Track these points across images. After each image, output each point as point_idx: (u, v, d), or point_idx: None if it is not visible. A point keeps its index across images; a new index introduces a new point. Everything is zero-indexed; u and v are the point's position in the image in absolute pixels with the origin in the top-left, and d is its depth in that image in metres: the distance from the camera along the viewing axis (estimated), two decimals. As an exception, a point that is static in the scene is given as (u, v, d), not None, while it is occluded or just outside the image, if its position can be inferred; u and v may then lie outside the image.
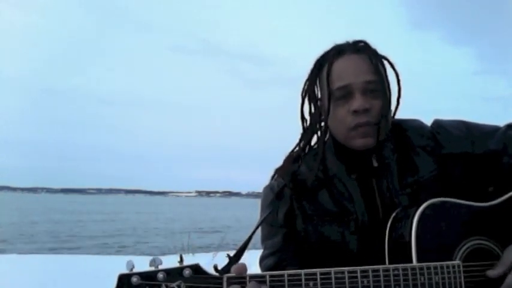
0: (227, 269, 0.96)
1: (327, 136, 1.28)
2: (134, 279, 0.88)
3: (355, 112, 1.16)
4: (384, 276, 0.99)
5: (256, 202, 1.34)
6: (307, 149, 1.32)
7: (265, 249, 1.28)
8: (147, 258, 0.92)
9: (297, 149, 1.32)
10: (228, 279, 0.92)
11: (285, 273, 0.95)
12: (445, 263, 1.04)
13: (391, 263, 1.07)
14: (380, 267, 1.00)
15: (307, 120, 1.28)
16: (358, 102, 1.16)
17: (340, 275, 0.96)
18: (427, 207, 1.09)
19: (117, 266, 0.93)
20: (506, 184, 1.20)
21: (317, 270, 0.96)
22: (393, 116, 1.29)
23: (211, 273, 0.93)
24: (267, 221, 1.25)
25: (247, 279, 0.93)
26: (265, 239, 1.29)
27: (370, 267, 0.99)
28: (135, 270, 0.90)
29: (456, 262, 1.06)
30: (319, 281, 0.95)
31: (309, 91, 1.26)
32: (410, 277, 1.00)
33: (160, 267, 0.90)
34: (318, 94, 1.27)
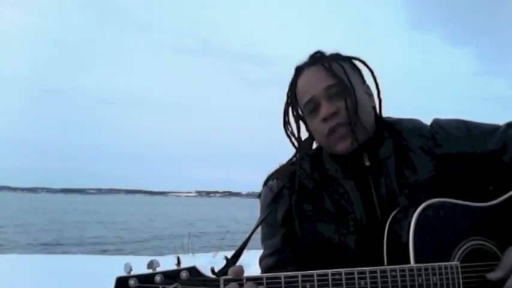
0: (224, 271, 0.96)
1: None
2: (132, 282, 0.88)
3: (325, 119, 1.20)
4: (382, 277, 0.99)
5: (256, 202, 1.35)
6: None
7: (265, 249, 1.29)
8: (146, 259, 0.92)
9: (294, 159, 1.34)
10: (225, 282, 0.92)
11: (282, 275, 0.94)
12: (443, 263, 1.04)
13: (389, 263, 1.07)
14: (377, 269, 0.99)
15: (293, 132, 1.32)
16: (324, 109, 1.20)
17: (337, 277, 0.96)
18: (426, 208, 1.08)
19: (116, 266, 0.92)
20: (505, 183, 1.19)
21: (314, 272, 0.95)
22: (379, 112, 1.30)
23: (209, 275, 0.93)
24: (266, 221, 1.26)
25: (244, 281, 0.92)
26: (264, 239, 1.30)
27: (367, 269, 0.99)
28: (133, 272, 0.90)
29: (454, 263, 1.05)
30: (316, 283, 0.95)
31: (291, 105, 1.31)
32: (408, 278, 1.00)
33: (157, 270, 0.90)
34: (294, 112, 1.31)
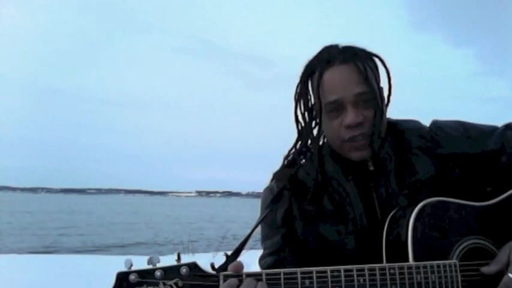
0: (224, 267, 0.97)
1: (323, 140, 1.29)
2: (132, 277, 0.89)
3: (349, 127, 1.16)
4: (380, 275, 1.00)
5: (256, 202, 1.35)
6: (303, 151, 1.32)
7: (264, 249, 1.29)
8: (146, 259, 0.93)
9: (293, 152, 1.32)
10: (225, 277, 0.93)
11: (281, 271, 0.95)
12: (441, 262, 1.05)
13: (388, 262, 1.07)
14: (376, 266, 1.00)
15: (301, 124, 1.28)
16: (350, 117, 1.15)
17: (336, 274, 0.97)
18: (424, 207, 1.09)
19: (116, 265, 0.92)
20: (503, 184, 1.20)
21: (313, 269, 0.96)
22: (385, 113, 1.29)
23: (209, 271, 0.94)
24: (266, 222, 1.26)
25: (244, 277, 0.93)
26: (264, 239, 1.30)
27: (366, 266, 0.99)
28: (133, 268, 0.91)
29: (453, 261, 1.06)
30: (315, 280, 0.96)
31: (301, 96, 1.26)
32: (406, 276, 1.01)
33: (158, 265, 0.91)
34: (310, 99, 1.26)
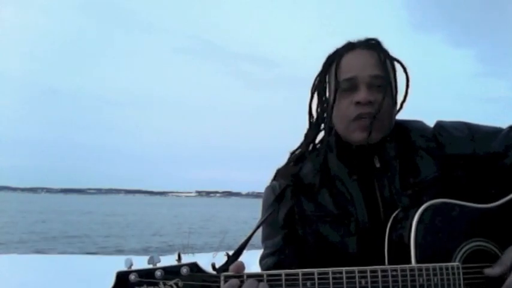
0: (225, 267, 0.96)
1: (332, 132, 1.29)
2: (132, 277, 0.88)
3: (358, 103, 1.17)
4: (382, 276, 0.99)
5: (256, 202, 1.34)
6: (310, 147, 1.32)
7: (265, 249, 1.28)
8: (146, 259, 0.92)
9: (301, 147, 1.32)
10: (226, 278, 0.92)
11: (283, 272, 0.95)
12: (444, 264, 1.04)
13: (390, 263, 1.07)
14: (378, 268, 0.99)
15: (314, 117, 1.30)
16: (362, 94, 1.17)
17: (338, 275, 0.96)
18: (427, 208, 1.08)
19: (116, 266, 0.92)
20: (507, 186, 1.20)
21: (315, 270, 0.96)
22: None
23: (209, 271, 0.93)
24: (268, 222, 1.25)
25: (245, 278, 0.92)
26: (265, 239, 1.29)
27: (368, 268, 0.99)
28: (134, 268, 0.90)
29: (455, 264, 1.05)
30: (316, 281, 0.95)
31: (318, 86, 1.28)
32: (408, 278, 1.00)
33: (158, 265, 0.90)
34: (326, 90, 1.28)
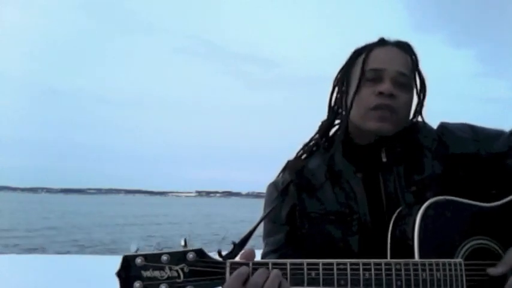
0: (231, 255, 0.97)
1: (342, 126, 1.29)
2: (138, 260, 0.89)
3: (380, 94, 1.18)
4: (386, 270, 0.99)
5: (256, 202, 1.34)
6: (323, 140, 1.33)
7: (266, 246, 1.28)
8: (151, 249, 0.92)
9: (315, 139, 1.33)
10: (233, 265, 0.93)
11: (288, 261, 0.96)
12: (446, 260, 1.04)
13: (392, 259, 1.07)
14: (382, 261, 1.00)
15: (334, 108, 1.31)
16: (386, 85, 1.18)
17: (342, 267, 0.97)
18: (431, 205, 1.09)
19: (116, 266, 0.91)
20: (509, 186, 1.20)
21: (320, 261, 0.97)
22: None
23: (215, 258, 0.94)
24: (270, 218, 1.25)
25: (250, 266, 0.93)
26: (267, 236, 1.29)
27: (372, 261, 0.99)
28: (140, 252, 0.91)
29: (458, 260, 1.06)
30: (321, 271, 0.96)
31: (341, 78, 1.29)
32: (412, 272, 1.01)
33: (164, 250, 0.91)
34: (350, 80, 1.28)
